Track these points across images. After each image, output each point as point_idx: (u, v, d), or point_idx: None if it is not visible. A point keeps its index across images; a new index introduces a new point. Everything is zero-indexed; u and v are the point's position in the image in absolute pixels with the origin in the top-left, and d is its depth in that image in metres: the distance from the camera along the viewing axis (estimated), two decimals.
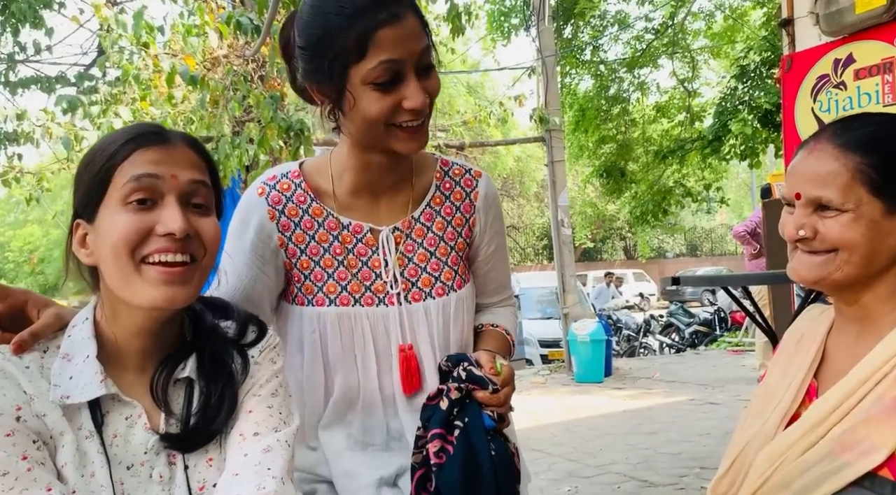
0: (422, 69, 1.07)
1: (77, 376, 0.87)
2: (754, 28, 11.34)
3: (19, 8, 5.62)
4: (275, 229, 1.19)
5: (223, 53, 5.32)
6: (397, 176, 1.21)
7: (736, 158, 10.32)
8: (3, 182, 5.93)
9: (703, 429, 5.29)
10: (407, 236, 1.22)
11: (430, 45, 1.09)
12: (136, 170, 0.86)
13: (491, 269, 1.33)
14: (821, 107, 2.78)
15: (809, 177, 0.98)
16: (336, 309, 1.19)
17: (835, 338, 1.07)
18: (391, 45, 1.03)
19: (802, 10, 2.90)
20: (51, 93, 6.71)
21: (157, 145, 0.89)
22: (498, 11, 11.21)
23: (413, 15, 1.06)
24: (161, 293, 0.86)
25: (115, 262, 0.86)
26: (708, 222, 29.63)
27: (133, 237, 0.85)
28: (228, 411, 0.93)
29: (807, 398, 1.04)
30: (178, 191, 0.88)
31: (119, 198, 0.86)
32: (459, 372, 1.13)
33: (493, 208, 1.30)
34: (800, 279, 1.03)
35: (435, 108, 1.19)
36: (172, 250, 0.86)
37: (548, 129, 8.52)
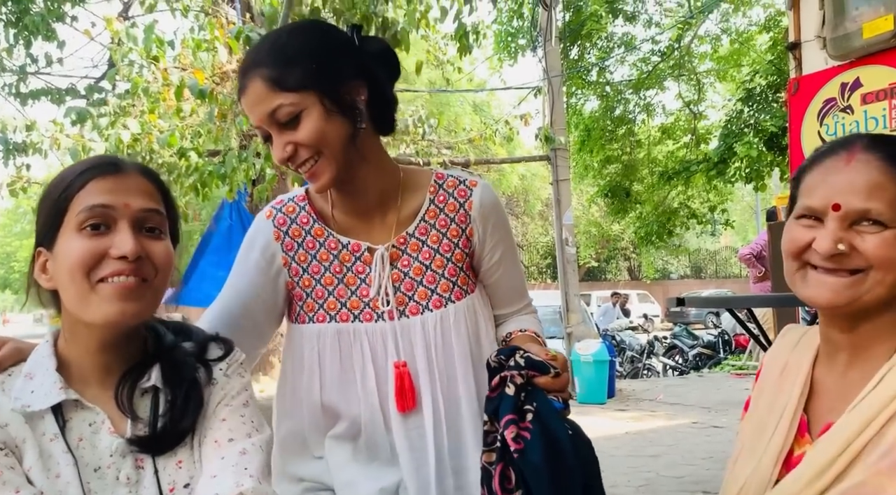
0: (282, 124, 1.12)
1: (38, 389, 0.91)
2: (760, 52, 11.40)
3: (32, 21, 5.68)
4: (279, 249, 1.24)
5: (232, 68, 5.37)
6: (381, 196, 1.24)
7: (741, 181, 10.33)
8: (11, 192, 5.97)
9: (707, 453, 5.24)
10: (403, 252, 1.24)
11: (287, 102, 1.11)
12: (91, 199, 0.91)
13: (501, 277, 1.32)
14: (827, 130, 2.78)
15: (853, 187, 0.89)
16: (336, 325, 1.21)
17: (822, 368, 1.01)
18: (248, 111, 1.17)
19: (810, 34, 2.91)
20: (60, 104, 6.77)
21: (111, 175, 0.93)
22: (505, 32, 11.31)
23: (258, 81, 1.12)
24: (115, 308, 0.90)
25: (72, 284, 0.90)
26: (712, 244, 29.57)
27: (88, 260, 0.90)
28: (195, 410, 0.97)
29: (798, 434, 0.99)
30: (130, 217, 0.92)
31: (74, 226, 0.91)
32: (517, 360, 1.11)
33: (493, 216, 1.28)
34: (827, 302, 0.92)
35: (441, 126, 1.23)
36: (125, 272, 0.91)
37: (553, 148, 8.55)
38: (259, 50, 1.17)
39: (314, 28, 1.22)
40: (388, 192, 1.24)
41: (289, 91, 1.10)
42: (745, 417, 1.12)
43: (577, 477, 1.06)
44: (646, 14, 11.95)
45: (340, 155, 1.15)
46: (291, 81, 1.11)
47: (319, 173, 1.15)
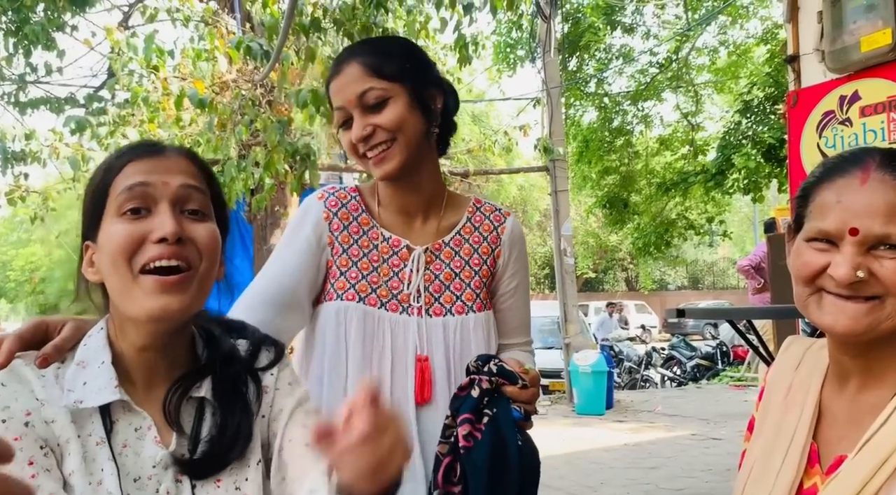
0: (369, 107, 1.24)
1: (91, 381, 0.87)
2: (758, 64, 11.46)
3: (32, 30, 5.68)
4: (326, 228, 1.32)
5: (232, 78, 5.38)
6: (425, 203, 1.36)
7: (739, 192, 10.36)
8: (9, 201, 5.95)
9: (706, 465, 5.22)
10: (436, 256, 1.34)
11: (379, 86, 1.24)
12: (128, 180, 0.88)
13: (511, 307, 1.41)
14: (826, 143, 2.79)
15: (872, 210, 0.84)
16: (363, 306, 1.27)
17: (831, 392, 0.97)
18: (335, 93, 1.28)
19: (808, 47, 2.92)
20: (60, 113, 6.77)
21: (149, 156, 0.90)
22: (504, 43, 11.36)
23: (357, 65, 1.25)
24: (157, 302, 0.85)
25: (115, 273, 0.87)
26: (710, 255, 29.59)
27: (128, 245, 0.86)
28: (244, 443, 0.92)
29: (808, 465, 0.95)
30: (170, 196, 0.88)
31: (114, 211, 0.87)
32: (490, 367, 1.20)
33: (518, 246, 1.42)
34: (845, 329, 0.87)
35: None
36: (166, 255, 0.86)
37: (552, 159, 8.57)
38: (358, 44, 1.35)
39: (408, 40, 1.38)
40: (434, 202, 1.36)
41: (382, 78, 1.24)
42: (750, 439, 1.09)
43: (515, 483, 1.15)
44: (644, 26, 12.03)
45: (412, 146, 1.26)
46: (386, 70, 1.24)
47: (389, 158, 1.25)
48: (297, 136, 5.56)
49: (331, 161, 7.31)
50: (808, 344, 1.07)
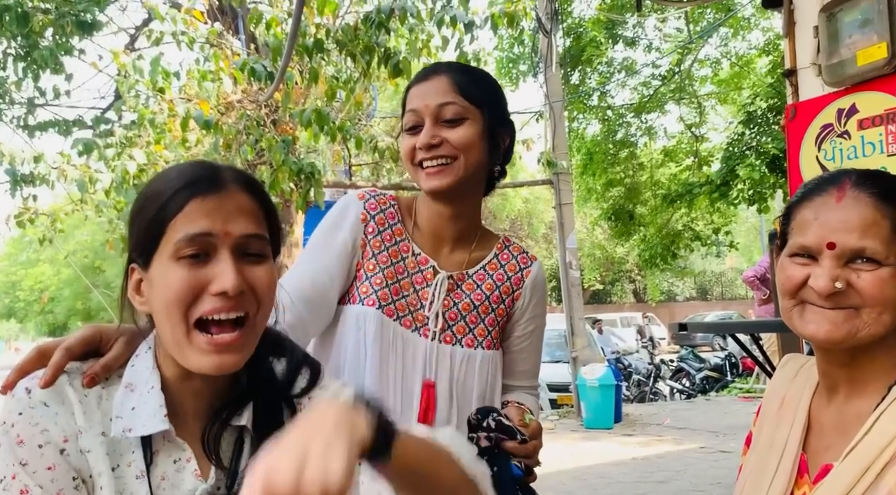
0: (445, 119, 1.26)
1: (140, 407, 0.84)
2: (760, 75, 11.49)
3: (41, 55, 5.78)
4: (361, 230, 1.32)
5: (237, 98, 5.45)
6: (460, 231, 1.35)
7: (744, 203, 10.34)
8: (19, 223, 6.02)
9: (714, 478, 5.19)
10: (458, 286, 1.34)
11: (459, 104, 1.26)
12: (189, 227, 0.82)
13: (523, 350, 1.41)
14: (825, 155, 2.80)
15: (847, 226, 0.89)
16: (382, 315, 1.28)
17: (819, 404, 1.01)
18: (414, 98, 1.29)
19: (805, 61, 2.94)
20: (67, 135, 6.85)
21: (211, 194, 0.84)
22: (507, 58, 11.44)
23: (447, 78, 1.27)
24: (210, 361, 0.82)
25: (168, 321, 0.83)
26: (718, 266, 29.50)
27: (186, 296, 0.81)
28: None
29: (798, 475, 0.98)
30: (231, 245, 0.84)
31: (171, 252, 0.82)
32: (489, 423, 1.19)
33: (539, 292, 1.42)
34: (825, 337, 0.92)
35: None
36: (225, 309, 0.82)
37: (556, 172, 8.59)
38: (452, 62, 1.39)
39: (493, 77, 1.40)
40: (467, 234, 1.36)
41: (466, 98, 1.26)
42: (746, 453, 1.12)
43: None
44: (645, 39, 12.10)
45: (469, 171, 1.27)
46: (472, 92, 1.27)
47: (445, 174, 1.25)
48: (302, 155, 5.62)
49: (335, 178, 7.36)
50: (804, 361, 1.10)
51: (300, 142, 6.32)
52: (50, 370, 0.82)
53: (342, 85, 5.44)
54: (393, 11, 4.63)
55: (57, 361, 0.83)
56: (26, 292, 29.79)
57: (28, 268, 29.66)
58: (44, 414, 0.80)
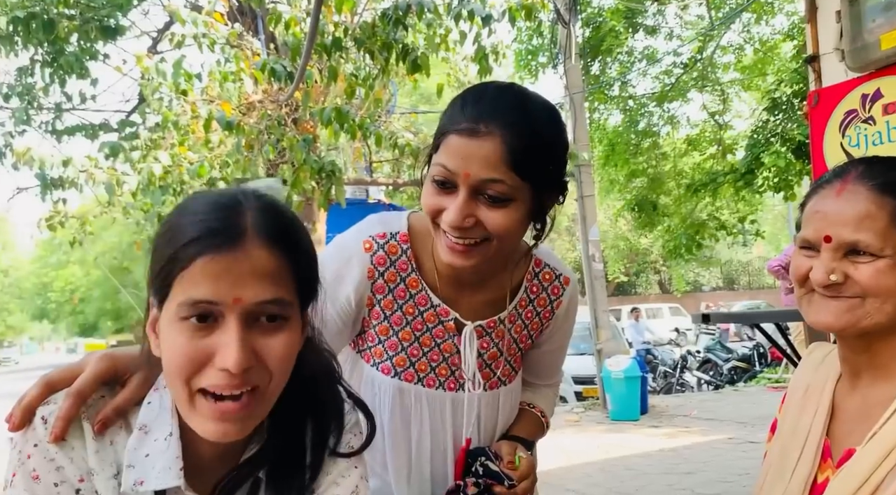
0: (486, 195, 1.02)
1: (155, 456, 0.78)
2: (784, 60, 11.30)
3: (67, 61, 5.91)
4: (368, 288, 1.17)
5: (258, 99, 5.51)
6: (482, 277, 1.18)
7: (770, 191, 10.20)
8: (50, 226, 6.16)
9: (742, 469, 5.14)
10: (487, 333, 1.22)
11: (507, 182, 1.01)
12: (193, 292, 0.73)
13: (546, 359, 1.36)
14: (850, 141, 2.76)
15: (842, 219, 0.92)
16: (399, 383, 1.19)
17: (843, 390, 1.03)
18: (453, 154, 1.02)
19: (828, 47, 2.90)
20: (94, 139, 6.99)
21: (224, 252, 0.74)
22: (525, 50, 11.39)
23: (498, 142, 1.00)
24: (214, 429, 0.76)
25: (172, 385, 0.77)
26: (745, 255, 29.11)
27: (187, 367, 0.74)
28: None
29: (821, 460, 1.00)
30: (240, 313, 0.74)
31: (174, 312, 0.75)
32: (477, 468, 1.17)
33: (571, 314, 1.31)
34: (824, 326, 0.95)
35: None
36: (228, 388, 0.74)
37: (577, 165, 8.55)
38: (511, 105, 1.04)
39: (559, 118, 1.11)
40: (494, 272, 1.19)
41: (517, 173, 1.01)
42: (771, 440, 1.13)
43: None
44: (666, 27, 11.96)
45: (501, 250, 1.09)
46: (527, 165, 1.01)
47: (472, 256, 1.06)
48: (323, 153, 5.66)
49: (356, 175, 7.40)
50: (830, 349, 1.11)
51: (321, 141, 6.37)
52: (59, 423, 0.76)
53: (361, 82, 5.47)
54: (410, 7, 4.64)
55: (67, 411, 0.77)
56: (57, 293, 30.42)
57: (59, 270, 30.28)
58: (60, 450, 0.76)
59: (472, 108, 1.03)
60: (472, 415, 1.22)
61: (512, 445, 1.22)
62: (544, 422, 1.35)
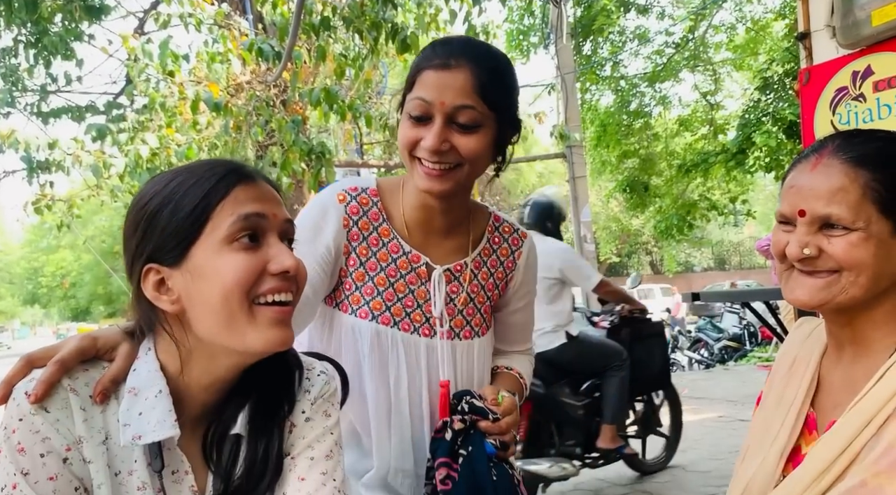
0: (458, 122, 1.15)
1: (147, 412, 0.81)
2: (776, 39, 11.27)
3: (51, 41, 5.80)
4: (344, 236, 1.26)
5: (246, 79, 5.44)
6: (451, 220, 1.29)
7: (761, 170, 10.22)
8: (36, 209, 6.09)
9: (733, 447, 5.20)
10: (455, 278, 1.30)
11: (477, 109, 1.14)
12: (243, 208, 0.83)
13: (516, 322, 1.42)
14: (840, 119, 2.75)
15: (816, 193, 0.92)
16: (376, 326, 1.24)
17: (829, 363, 1.03)
18: (429, 86, 1.15)
19: (819, 24, 2.88)
20: (81, 121, 6.90)
21: (253, 183, 0.86)
22: (517, 30, 11.31)
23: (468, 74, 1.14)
24: (276, 335, 0.83)
25: (224, 307, 0.81)
26: (736, 235, 29.24)
27: (249, 277, 0.82)
28: (273, 474, 0.88)
29: (805, 430, 1.00)
30: (278, 229, 0.87)
31: (222, 238, 0.82)
32: (463, 405, 1.21)
33: (532, 269, 1.40)
34: (800, 303, 0.96)
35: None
36: (286, 289, 0.84)
37: (568, 146, 8.53)
38: (477, 47, 1.20)
39: (513, 66, 1.25)
40: (458, 222, 1.30)
41: (485, 101, 1.15)
42: (755, 412, 1.14)
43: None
44: (658, 6, 11.89)
45: (472, 178, 1.21)
46: (493, 94, 1.16)
47: (446, 179, 1.17)
48: (313, 135, 5.62)
49: (347, 157, 7.36)
50: (817, 323, 1.11)
51: (311, 122, 6.31)
52: (41, 385, 0.78)
53: (350, 62, 5.41)
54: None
55: (49, 375, 0.79)
56: (48, 278, 30.29)
57: (49, 255, 30.12)
58: (45, 421, 0.77)
59: (443, 48, 1.18)
60: (446, 360, 1.26)
61: (494, 387, 1.29)
62: (523, 384, 1.40)
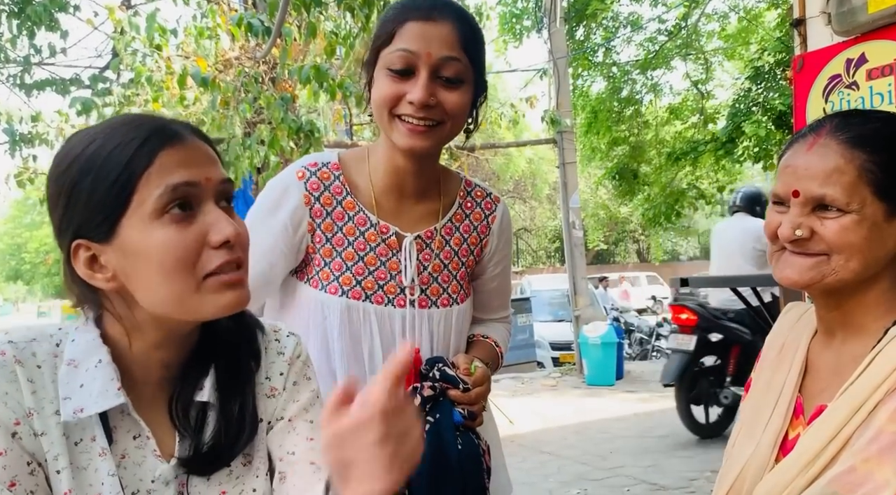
0: (442, 77, 1.13)
1: (89, 384, 0.77)
2: (768, 29, 11.25)
3: (35, 11, 5.68)
4: (307, 214, 1.22)
5: (235, 55, 5.36)
6: (423, 183, 1.26)
7: (750, 160, 10.24)
8: (19, 183, 6.00)
9: None
10: (427, 245, 1.27)
11: (462, 62, 1.14)
12: (171, 177, 0.76)
13: (493, 289, 1.40)
14: (832, 107, 2.75)
15: (810, 173, 0.91)
16: (347, 300, 1.22)
17: (817, 348, 1.02)
18: (413, 37, 1.12)
19: (815, 10, 2.87)
20: (65, 95, 6.78)
21: (180, 144, 0.78)
22: (510, 13, 11.22)
23: (452, 26, 1.13)
24: (229, 299, 0.79)
25: (168, 285, 0.77)
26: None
27: (188, 254, 0.76)
28: (248, 435, 0.86)
29: (793, 416, 1.00)
30: (213, 192, 0.80)
31: (151, 212, 0.75)
32: (434, 373, 1.20)
33: (506, 233, 1.38)
34: (790, 283, 0.95)
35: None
36: (234, 261, 0.79)
37: (559, 131, 8.51)
38: (456, 4, 1.18)
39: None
40: (429, 184, 1.28)
41: (468, 56, 1.14)
42: (744, 398, 1.13)
43: (457, 488, 1.15)
44: None
45: (450, 137, 1.20)
46: (473, 49, 1.16)
47: (428, 136, 1.15)
48: (302, 113, 5.55)
49: (336, 138, 7.29)
50: (806, 308, 1.11)
51: (300, 102, 6.24)
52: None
53: (342, 41, 5.34)
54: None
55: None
56: (32, 254, 29.96)
57: (33, 231, 29.76)
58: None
59: (428, 2, 1.15)
60: (424, 329, 1.25)
61: (468, 357, 1.27)
62: (498, 352, 1.39)
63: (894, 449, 0.82)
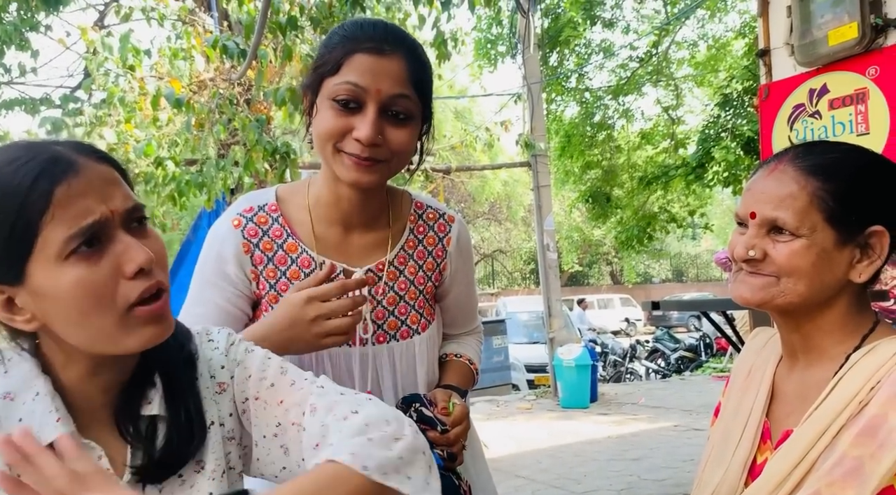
0: (390, 113, 1.09)
1: (27, 417, 0.76)
2: (736, 58, 11.54)
3: (5, 30, 5.62)
4: (248, 262, 1.18)
5: (209, 77, 5.35)
6: (370, 213, 1.21)
7: (719, 185, 10.43)
8: None
9: (687, 455, 5.27)
10: (379, 278, 1.21)
11: (411, 99, 1.10)
12: (73, 220, 0.72)
13: (459, 305, 1.36)
14: (797, 135, 2.83)
15: (767, 197, 0.94)
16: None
17: (783, 372, 1.04)
18: (363, 72, 1.07)
19: (778, 41, 2.96)
20: (35, 114, 6.69)
21: (75, 176, 0.73)
22: (485, 39, 11.37)
23: (403, 62, 1.09)
24: (153, 332, 0.79)
25: (88, 324, 0.75)
26: (693, 248, 29.83)
27: (101, 292, 0.74)
28: (199, 439, 0.86)
29: (761, 440, 1.01)
30: (121, 221, 0.77)
31: (57, 254, 0.72)
32: (411, 413, 1.16)
33: (465, 252, 1.32)
34: (742, 301, 0.98)
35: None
36: (152, 287, 0.77)
37: (533, 154, 8.59)
38: (404, 34, 1.14)
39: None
40: (376, 212, 1.22)
41: (416, 91, 1.10)
42: (714, 423, 1.14)
43: None
44: (623, 20, 12.07)
45: (396, 170, 1.15)
46: (421, 87, 1.12)
47: (373, 172, 1.10)
48: (277, 135, 5.55)
49: (312, 159, 7.28)
50: (773, 333, 1.12)
51: (275, 123, 6.23)
52: None
53: None
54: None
55: None
56: None
57: None
58: None
59: (374, 30, 1.10)
60: (384, 366, 1.21)
61: (446, 393, 1.22)
62: (473, 370, 1.35)
63: (857, 474, 0.84)
